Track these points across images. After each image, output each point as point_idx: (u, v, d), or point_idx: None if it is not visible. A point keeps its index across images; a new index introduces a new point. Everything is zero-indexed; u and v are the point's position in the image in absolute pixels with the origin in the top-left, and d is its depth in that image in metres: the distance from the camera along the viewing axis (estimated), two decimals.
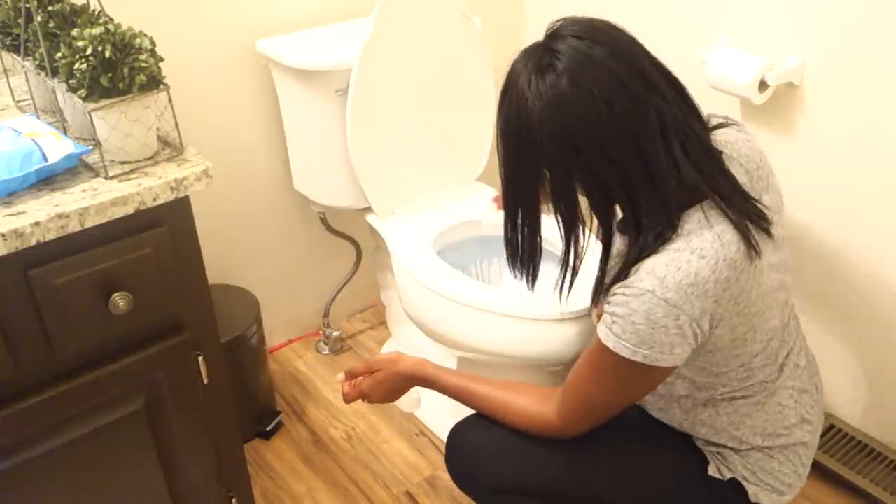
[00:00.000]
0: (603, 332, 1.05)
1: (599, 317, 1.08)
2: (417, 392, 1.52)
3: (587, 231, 1.09)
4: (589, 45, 0.98)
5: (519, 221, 1.11)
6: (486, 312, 1.46)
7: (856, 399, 1.68)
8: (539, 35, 1.05)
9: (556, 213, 1.07)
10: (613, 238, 1.07)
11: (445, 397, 1.32)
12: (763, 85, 1.53)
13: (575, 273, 1.12)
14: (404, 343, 1.99)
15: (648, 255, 1.03)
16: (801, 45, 1.52)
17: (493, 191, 1.83)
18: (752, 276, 1.03)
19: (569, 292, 1.14)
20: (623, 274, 1.05)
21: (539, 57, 1.00)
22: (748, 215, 1.04)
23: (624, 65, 0.98)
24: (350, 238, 2.00)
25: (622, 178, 1.00)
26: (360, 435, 1.84)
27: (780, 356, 1.15)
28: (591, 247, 1.13)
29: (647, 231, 1.03)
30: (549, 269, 1.73)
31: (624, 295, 1.02)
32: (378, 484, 1.72)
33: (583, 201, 1.06)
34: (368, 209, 1.77)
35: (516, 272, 1.16)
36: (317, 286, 2.09)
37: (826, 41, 1.48)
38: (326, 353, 2.08)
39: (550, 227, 1.12)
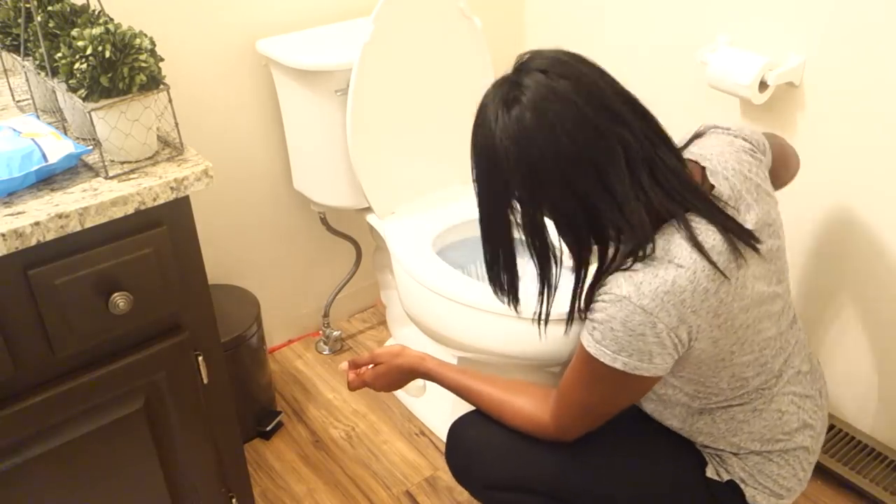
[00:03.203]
0: (585, 338, 1.05)
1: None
2: (423, 380, 1.51)
3: (560, 263, 1.10)
4: (553, 77, 0.98)
5: (495, 251, 1.11)
6: (486, 312, 1.46)
7: (857, 399, 1.68)
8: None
9: (528, 245, 1.07)
10: (584, 267, 1.07)
11: (446, 397, 1.32)
12: (763, 85, 1.53)
13: (550, 303, 1.12)
14: (404, 343, 1.99)
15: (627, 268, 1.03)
16: (801, 45, 1.52)
17: None
18: (734, 289, 1.02)
19: (546, 322, 1.13)
20: (598, 284, 1.05)
21: (506, 90, 1.00)
22: (731, 230, 1.03)
23: (587, 97, 0.98)
24: (350, 238, 2.00)
25: (589, 211, 1.00)
26: (360, 435, 1.84)
27: (777, 364, 1.14)
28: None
29: (622, 250, 1.03)
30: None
31: (603, 301, 1.02)
32: (378, 484, 1.72)
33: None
34: (368, 209, 1.77)
35: (499, 298, 1.16)
36: (317, 286, 2.09)
37: (826, 41, 1.48)
38: (326, 353, 2.08)
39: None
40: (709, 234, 1.01)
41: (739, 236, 1.03)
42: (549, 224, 1.06)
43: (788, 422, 1.16)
